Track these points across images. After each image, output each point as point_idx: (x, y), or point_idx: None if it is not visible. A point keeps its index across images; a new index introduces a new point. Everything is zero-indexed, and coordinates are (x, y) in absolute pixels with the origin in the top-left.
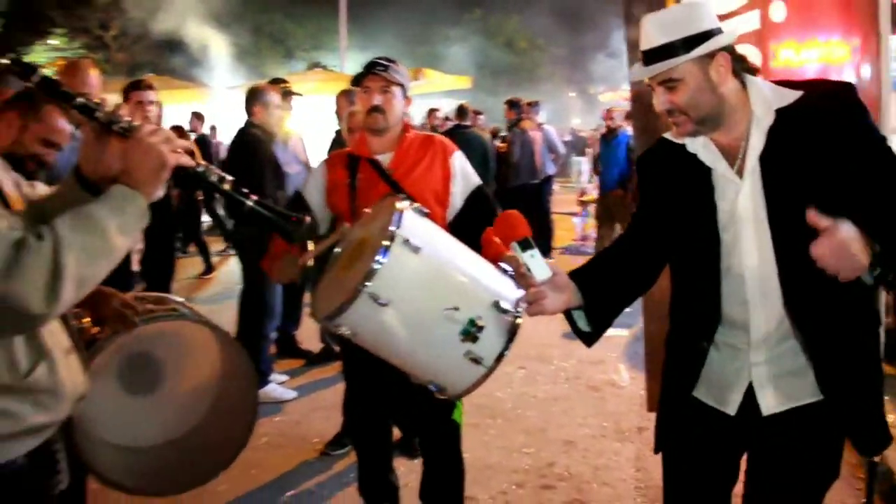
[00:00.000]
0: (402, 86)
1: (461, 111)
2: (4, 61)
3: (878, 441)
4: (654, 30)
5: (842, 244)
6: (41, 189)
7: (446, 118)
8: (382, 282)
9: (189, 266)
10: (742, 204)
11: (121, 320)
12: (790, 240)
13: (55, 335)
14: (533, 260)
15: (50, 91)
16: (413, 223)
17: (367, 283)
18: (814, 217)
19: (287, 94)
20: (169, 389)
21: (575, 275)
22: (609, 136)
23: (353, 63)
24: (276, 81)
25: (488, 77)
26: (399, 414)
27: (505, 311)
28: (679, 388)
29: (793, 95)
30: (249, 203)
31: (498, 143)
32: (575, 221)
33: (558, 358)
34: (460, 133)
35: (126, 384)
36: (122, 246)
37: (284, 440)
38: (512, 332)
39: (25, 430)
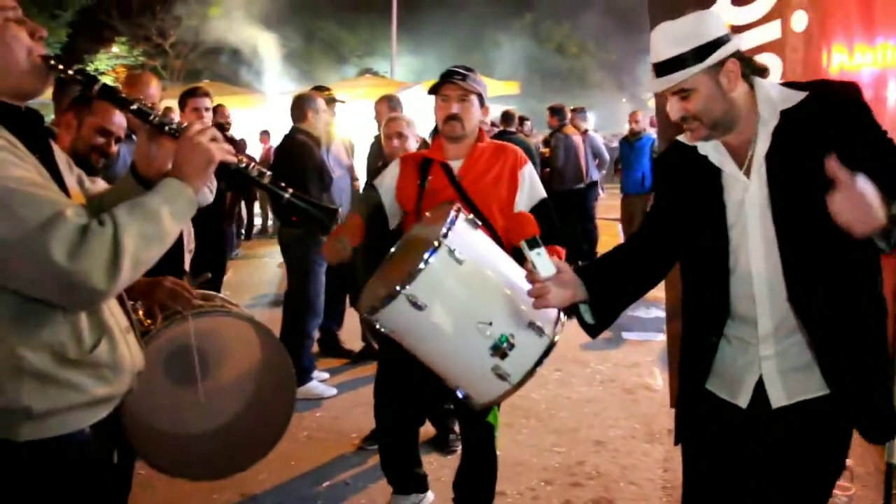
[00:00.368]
0: (479, 95)
1: (506, 117)
2: (70, 72)
3: (886, 429)
4: (665, 42)
5: (860, 196)
6: (101, 185)
7: (492, 124)
8: (422, 286)
9: (242, 266)
10: (749, 202)
11: (174, 296)
12: (795, 237)
13: (115, 315)
14: (539, 258)
15: (109, 97)
16: (462, 234)
17: (406, 286)
18: (834, 167)
19: (331, 101)
20: (214, 380)
21: (582, 270)
22: (632, 139)
23: (402, 69)
24: (319, 89)
25: (538, 82)
26: (435, 410)
27: (540, 333)
28: (693, 382)
29: (798, 96)
30: (287, 195)
31: (541, 148)
32: (620, 227)
33: (594, 361)
34: (505, 139)
35: (172, 375)
36: (173, 231)
37: (323, 434)
38: (543, 353)
39: (90, 402)
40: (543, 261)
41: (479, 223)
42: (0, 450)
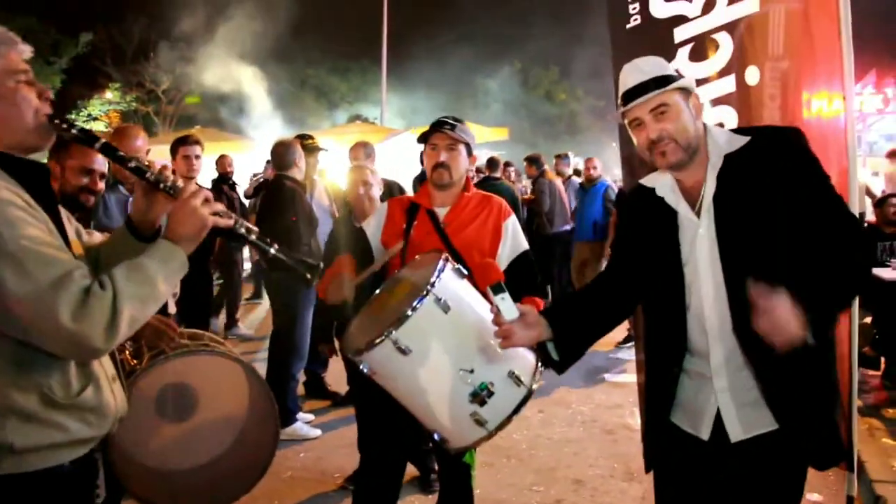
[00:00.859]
0: (467, 144)
1: (491, 163)
2: (73, 132)
3: (831, 458)
4: (635, 73)
5: (778, 321)
6: (97, 237)
7: (477, 170)
8: (408, 332)
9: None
10: (699, 241)
11: (158, 335)
12: (740, 273)
13: (103, 363)
14: (503, 302)
15: (109, 155)
16: (448, 283)
17: (394, 330)
18: (754, 294)
19: (314, 149)
20: (199, 418)
21: (547, 311)
22: (587, 185)
23: (392, 115)
24: (302, 137)
25: (527, 128)
26: (416, 450)
27: (518, 382)
28: (657, 414)
29: (741, 141)
30: (272, 251)
31: (526, 193)
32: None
33: (576, 402)
34: (490, 184)
35: (160, 411)
36: (166, 292)
37: (307, 474)
38: (521, 402)
39: (71, 442)
40: (507, 305)
41: (465, 272)
42: None
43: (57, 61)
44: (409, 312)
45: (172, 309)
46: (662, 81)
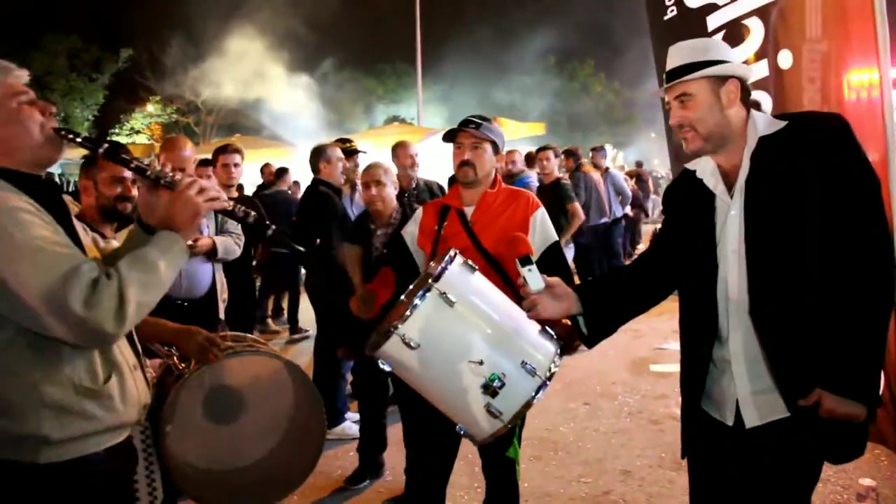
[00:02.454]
0: (493, 142)
1: (528, 158)
2: (78, 140)
3: (846, 452)
4: (677, 54)
5: (834, 415)
6: (114, 244)
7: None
8: (412, 326)
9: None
10: (730, 223)
11: (203, 352)
12: (761, 256)
13: (124, 353)
14: (530, 273)
15: (112, 157)
16: (455, 277)
17: (399, 325)
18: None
19: (353, 152)
20: (246, 418)
21: (580, 286)
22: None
23: (429, 115)
24: (341, 141)
25: (564, 122)
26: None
27: (532, 372)
28: (689, 399)
29: (779, 125)
30: (270, 231)
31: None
32: None
33: (622, 394)
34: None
35: (209, 413)
36: (169, 277)
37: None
38: (535, 392)
39: (101, 430)
40: (534, 276)
41: (475, 266)
42: (24, 472)
43: (99, 77)
44: (412, 307)
45: (222, 314)
46: (691, 69)
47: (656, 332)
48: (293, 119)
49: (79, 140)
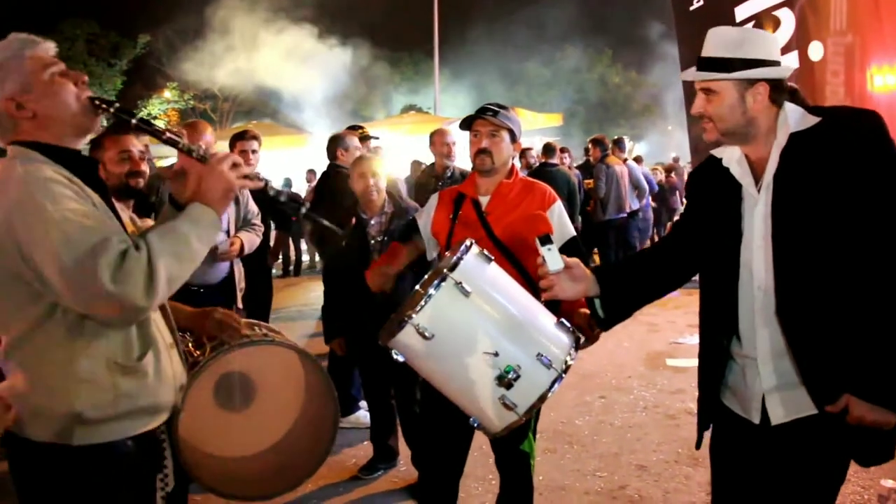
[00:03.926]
0: (510, 130)
1: (547, 149)
2: (111, 109)
3: (875, 455)
4: (715, 42)
5: (865, 423)
6: (150, 223)
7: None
8: (427, 316)
9: (287, 298)
10: (756, 218)
11: (221, 328)
12: (789, 254)
13: (161, 330)
14: (549, 253)
15: (145, 129)
16: (471, 268)
17: (413, 315)
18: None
19: (365, 138)
20: (259, 407)
21: (597, 269)
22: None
23: (446, 104)
24: (353, 128)
25: (581, 114)
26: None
27: (548, 365)
28: (707, 389)
29: (812, 121)
30: (303, 210)
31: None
32: None
33: (638, 388)
34: (546, 171)
35: (222, 401)
36: (201, 251)
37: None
38: (550, 385)
39: (135, 410)
40: (553, 256)
41: (491, 257)
42: (57, 453)
43: (117, 63)
44: (427, 297)
45: (240, 303)
46: (720, 65)
47: (673, 327)
48: (310, 107)
49: (112, 109)
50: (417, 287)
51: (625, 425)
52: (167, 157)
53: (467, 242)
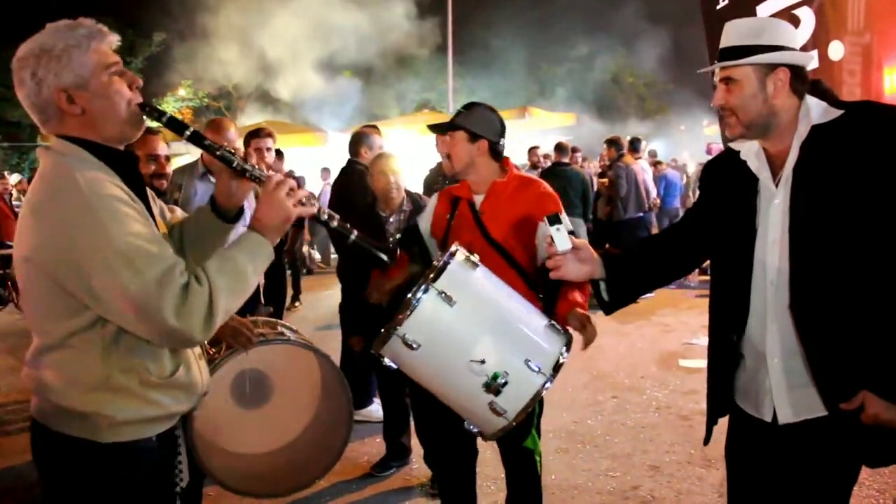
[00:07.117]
0: (465, 129)
1: (559, 148)
2: (163, 120)
3: (885, 456)
4: (734, 32)
5: (879, 422)
6: (179, 213)
7: (545, 156)
8: (412, 327)
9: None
10: (773, 212)
11: (236, 335)
12: (805, 249)
13: None
14: (558, 233)
15: (197, 143)
16: (456, 275)
17: (398, 326)
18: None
19: None
20: (274, 405)
21: (605, 253)
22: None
23: (459, 103)
24: (369, 128)
25: (595, 113)
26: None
27: (536, 370)
28: (717, 387)
29: (834, 114)
30: (353, 237)
31: (598, 178)
32: None
33: (651, 388)
34: (559, 170)
35: (237, 398)
36: (255, 283)
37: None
38: (539, 390)
39: (164, 416)
40: (562, 236)
41: (478, 263)
42: (87, 449)
43: (133, 61)
44: (411, 308)
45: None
46: (740, 53)
47: (685, 327)
48: (324, 105)
49: (163, 120)
50: (409, 294)
51: (637, 426)
52: (181, 156)
53: (452, 249)
